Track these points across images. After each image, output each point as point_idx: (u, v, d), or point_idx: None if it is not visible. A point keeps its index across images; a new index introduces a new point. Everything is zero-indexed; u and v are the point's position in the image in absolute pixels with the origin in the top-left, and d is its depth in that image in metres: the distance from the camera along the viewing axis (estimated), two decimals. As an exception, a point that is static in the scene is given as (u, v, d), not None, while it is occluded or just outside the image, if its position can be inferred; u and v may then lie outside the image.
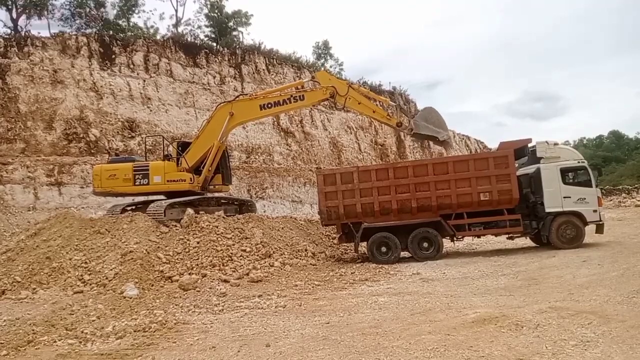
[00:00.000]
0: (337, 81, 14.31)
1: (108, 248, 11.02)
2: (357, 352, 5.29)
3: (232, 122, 14.26)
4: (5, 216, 17.02)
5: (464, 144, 43.38)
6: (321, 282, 10.35)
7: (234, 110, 14.15)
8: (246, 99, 14.92)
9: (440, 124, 13.89)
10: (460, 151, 40.51)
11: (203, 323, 7.15)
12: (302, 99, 14.24)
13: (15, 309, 8.43)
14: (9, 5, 25.00)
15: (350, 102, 13.93)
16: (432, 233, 12.86)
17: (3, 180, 17.62)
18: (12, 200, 17.53)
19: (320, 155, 30.22)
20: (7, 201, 17.41)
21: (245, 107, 14.37)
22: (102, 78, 22.22)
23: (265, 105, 14.14)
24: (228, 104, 14.57)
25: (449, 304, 7.49)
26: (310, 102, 14.65)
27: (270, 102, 14.13)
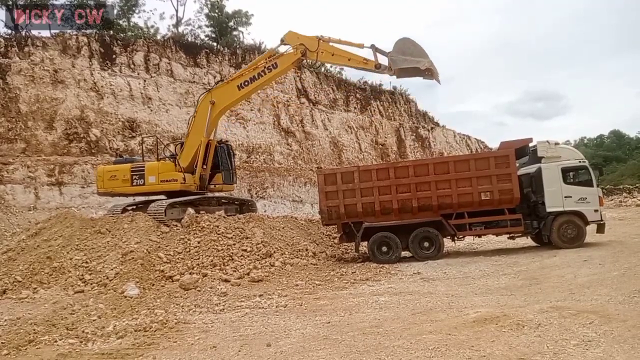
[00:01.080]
0: (306, 38, 13.54)
1: (109, 248, 11.02)
2: (358, 352, 5.28)
3: (215, 111, 14.06)
4: (6, 216, 17.02)
5: (465, 143, 43.36)
6: (322, 281, 10.34)
7: (214, 99, 14.04)
8: (223, 84, 14.71)
9: (419, 53, 12.80)
10: (461, 151, 40.51)
11: (204, 322, 7.15)
12: (276, 66, 13.77)
13: (17, 308, 8.44)
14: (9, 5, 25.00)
15: (323, 55, 13.42)
16: (433, 233, 12.85)
17: (4, 180, 17.62)
18: (13, 200, 17.54)
19: (320, 154, 30.22)
20: (8, 201, 17.41)
21: (224, 92, 14.16)
22: (103, 78, 22.22)
23: (242, 84, 13.86)
24: (208, 93, 14.45)
25: (450, 303, 7.48)
26: (285, 67, 13.99)
27: (246, 80, 13.85)
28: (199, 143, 14.07)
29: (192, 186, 14.21)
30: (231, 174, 15.60)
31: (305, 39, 13.56)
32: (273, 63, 13.77)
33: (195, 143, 14.17)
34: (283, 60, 13.82)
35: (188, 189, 14.15)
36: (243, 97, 14.82)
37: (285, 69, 14.11)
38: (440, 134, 40.75)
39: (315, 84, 33.28)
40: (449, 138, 41.47)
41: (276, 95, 29.87)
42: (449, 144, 40.77)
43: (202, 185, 14.49)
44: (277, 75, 14.22)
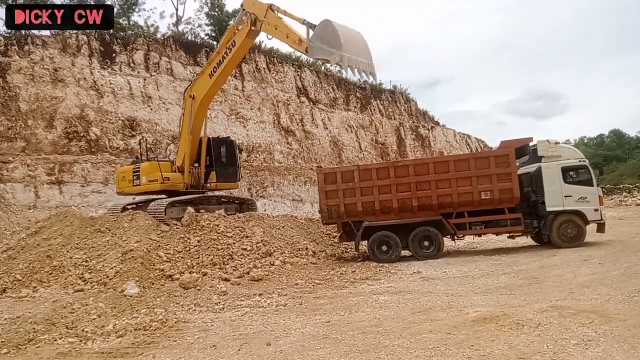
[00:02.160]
0: (259, 5, 12.64)
1: (109, 246, 11.01)
2: (357, 351, 5.28)
3: (195, 104, 13.92)
4: (6, 215, 17.02)
5: (465, 142, 43.40)
6: (322, 280, 10.34)
7: (193, 92, 13.97)
8: (198, 75, 14.59)
9: (335, 42, 10.90)
10: (461, 150, 40.53)
11: (204, 322, 7.15)
12: (234, 44, 13.26)
13: (16, 307, 8.43)
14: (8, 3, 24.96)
15: (268, 27, 12.46)
16: (433, 232, 12.85)
17: (4, 179, 17.62)
18: (13, 198, 17.55)
19: (320, 154, 30.23)
20: (8, 200, 17.42)
21: (200, 84, 13.98)
22: (103, 77, 22.22)
23: (212, 71, 13.60)
24: (188, 88, 14.38)
25: (450, 302, 7.48)
26: (241, 42, 13.02)
27: (214, 66, 13.60)
28: (187, 141, 14.10)
29: (180, 185, 14.15)
30: (233, 170, 15.26)
31: (257, 6, 12.70)
32: (232, 41, 13.35)
33: (184, 141, 14.22)
34: (239, 35, 13.31)
35: (173, 188, 14.10)
36: (217, 85, 14.27)
37: (243, 44, 13.24)
38: (440, 133, 40.78)
39: (315, 82, 33.28)
40: (449, 137, 41.51)
41: (276, 94, 29.87)
42: (449, 143, 40.79)
43: (197, 184, 14.42)
44: (239, 52, 13.48)
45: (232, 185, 15.52)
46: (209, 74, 13.56)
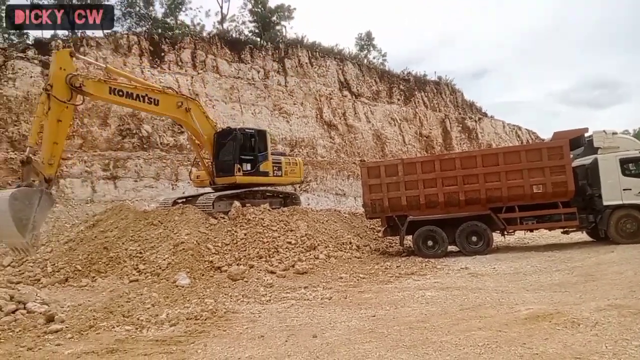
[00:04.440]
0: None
1: (161, 239, 11.45)
2: (404, 346, 5.24)
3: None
4: (66, 208, 18.04)
5: (515, 134, 41.75)
6: (366, 275, 10.32)
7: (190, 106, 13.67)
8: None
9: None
10: (511, 142, 39.08)
11: (251, 312, 7.31)
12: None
13: (77, 295, 8.93)
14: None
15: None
16: (481, 227, 12.51)
17: (63, 174, 18.66)
18: (72, 193, 18.56)
19: (363, 147, 30.06)
20: (67, 194, 18.44)
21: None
22: (153, 75, 23.03)
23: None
24: (184, 101, 13.71)
25: (500, 299, 7.27)
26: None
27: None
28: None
29: (206, 181, 14.71)
30: (228, 164, 14.16)
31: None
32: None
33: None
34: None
35: (204, 185, 14.95)
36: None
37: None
38: (488, 125, 39.47)
39: (357, 76, 33.07)
40: (497, 129, 40.09)
41: (318, 88, 29.94)
42: (497, 135, 39.41)
43: (211, 180, 14.60)
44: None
45: (229, 179, 14.21)
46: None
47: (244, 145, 14.44)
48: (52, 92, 10.53)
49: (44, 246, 11.98)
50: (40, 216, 9.81)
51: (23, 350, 5.69)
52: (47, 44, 21.62)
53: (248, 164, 14.44)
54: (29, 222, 9.40)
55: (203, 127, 13.98)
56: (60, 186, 18.40)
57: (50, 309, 7.29)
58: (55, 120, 10.56)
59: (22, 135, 17.29)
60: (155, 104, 12.78)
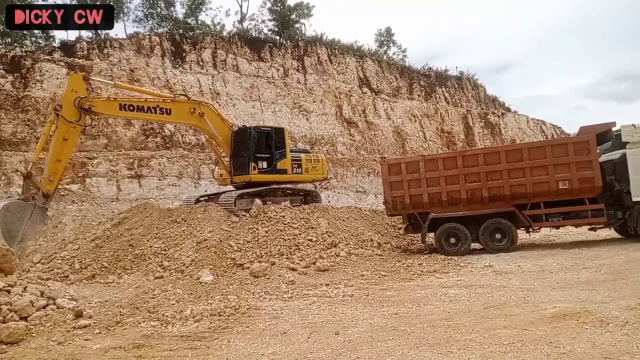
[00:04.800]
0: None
1: (184, 236, 11.62)
2: (428, 344, 5.20)
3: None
4: (92, 207, 18.49)
5: (539, 129, 40.84)
6: (388, 272, 10.26)
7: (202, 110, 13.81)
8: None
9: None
10: (535, 137, 38.27)
11: (274, 309, 7.36)
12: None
13: (104, 292, 9.12)
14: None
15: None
16: (506, 224, 12.29)
17: (89, 173, 19.13)
18: (97, 192, 19.00)
19: (384, 144, 29.90)
20: (93, 193, 18.89)
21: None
22: (175, 75, 23.39)
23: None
24: (197, 105, 13.97)
25: (526, 297, 7.15)
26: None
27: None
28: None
29: (228, 179, 14.88)
30: (243, 162, 14.18)
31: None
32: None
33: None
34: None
35: (225, 183, 15.23)
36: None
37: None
38: (511, 120, 38.74)
39: (377, 72, 32.88)
40: (521, 124, 39.31)
41: (338, 85, 29.89)
42: (521, 130, 38.65)
43: (231, 179, 14.79)
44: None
45: (244, 177, 14.32)
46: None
47: (260, 144, 14.43)
48: (60, 112, 11.05)
49: (71, 244, 12.30)
50: (30, 230, 10.18)
51: (54, 344, 5.86)
52: (72, 46, 22.18)
53: (264, 162, 14.43)
54: (18, 234, 9.82)
55: (218, 129, 14.15)
56: (87, 185, 18.87)
57: (78, 304, 7.47)
58: (61, 138, 11.05)
59: (59, 105, 17.73)
60: (168, 114, 13.04)
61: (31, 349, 5.71)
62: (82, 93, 11.52)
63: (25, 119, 18.84)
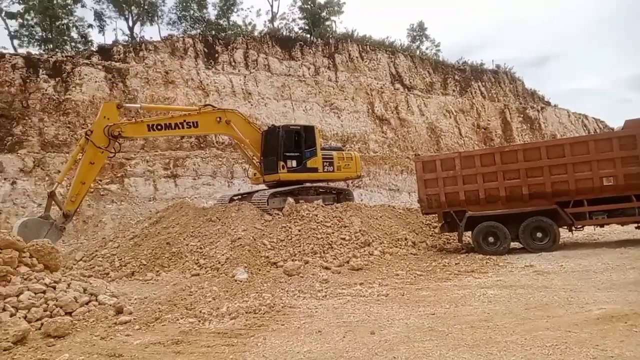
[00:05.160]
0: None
1: (219, 235, 11.79)
2: (466, 345, 5.05)
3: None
4: (131, 206, 19.06)
5: (581, 123, 39.28)
6: (423, 272, 10.07)
7: (228, 118, 13.93)
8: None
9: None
10: (577, 132, 36.86)
11: (308, 308, 7.35)
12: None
13: (143, 289, 9.36)
14: (125, 15, 27.84)
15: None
16: (547, 222, 11.84)
17: (127, 174, 19.73)
18: (135, 191, 19.58)
19: (417, 141, 29.48)
20: (131, 192, 19.47)
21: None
22: (208, 77, 23.80)
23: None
24: (222, 113, 14.09)
25: (569, 298, 6.86)
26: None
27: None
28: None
29: (260, 178, 14.97)
30: (272, 161, 14.28)
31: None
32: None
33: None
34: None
35: (258, 182, 15.32)
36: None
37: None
38: (552, 114, 37.40)
39: (410, 68, 32.44)
40: (562, 118, 37.90)
41: (369, 82, 29.66)
42: (562, 125, 37.27)
43: (263, 178, 14.89)
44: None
45: (273, 176, 14.36)
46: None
47: (289, 142, 14.47)
48: (91, 137, 11.53)
49: (111, 242, 12.70)
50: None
51: (97, 339, 6.05)
52: (109, 49, 22.93)
53: (293, 161, 14.47)
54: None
55: (246, 133, 14.34)
56: (125, 185, 19.47)
57: (119, 301, 7.69)
58: (89, 162, 11.55)
59: (90, 130, 18.36)
60: (195, 126, 13.35)
61: (76, 343, 5.90)
62: (114, 120, 11.99)
63: (66, 121, 19.61)
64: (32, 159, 18.17)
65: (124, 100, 20.99)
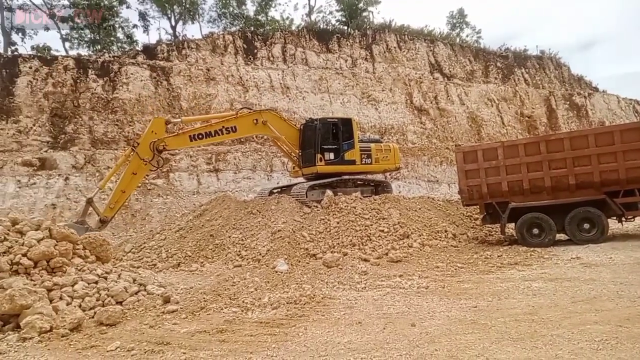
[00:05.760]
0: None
1: (260, 227, 12.04)
2: (510, 339, 4.97)
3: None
4: (176, 199, 19.72)
5: (633, 109, 37.14)
6: (464, 264, 9.91)
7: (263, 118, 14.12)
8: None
9: None
10: (628, 118, 34.88)
11: (347, 299, 7.41)
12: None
13: (189, 279, 9.70)
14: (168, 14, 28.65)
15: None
16: (595, 213, 11.35)
17: (172, 169, 20.41)
18: (180, 185, 20.24)
19: (457, 132, 28.82)
20: (176, 187, 20.15)
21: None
22: (247, 72, 24.17)
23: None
24: (259, 114, 14.33)
25: (619, 292, 6.60)
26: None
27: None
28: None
29: (299, 172, 15.12)
30: (310, 154, 14.49)
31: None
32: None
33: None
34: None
35: (297, 175, 15.48)
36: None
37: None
38: (600, 101, 35.56)
39: (449, 56, 31.67)
40: (611, 105, 35.94)
41: (408, 72, 29.21)
42: (611, 111, 35.36)
43: (302, 171, 15.03)
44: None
45: (311, 169, 14.53)
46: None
47: (326, 135, 14.58)
48: (137, 149, 12.12)
49: (158, 234, 13.22)
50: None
51: (146, 327, 6.35)
52: (153, 49, 23.69)
53: (331, 153, 14.56)
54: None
55: (283, 130, 14.54)
56: (170, 179, 20.16)
57: (166, 291, 8.03)
58: (131, 172, 12.12)
59: (136, 134, 19.12)
60: (234, 131, 13.68)
61: (127, 331, 6.23)
62: (161, 135, 12.51)
63: (115, 119, 20.47)
64: (83, 156, 19.12)
65: (168, 97, 21.71)
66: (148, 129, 12.56)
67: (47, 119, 19.50)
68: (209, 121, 14.26)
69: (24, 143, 18.80)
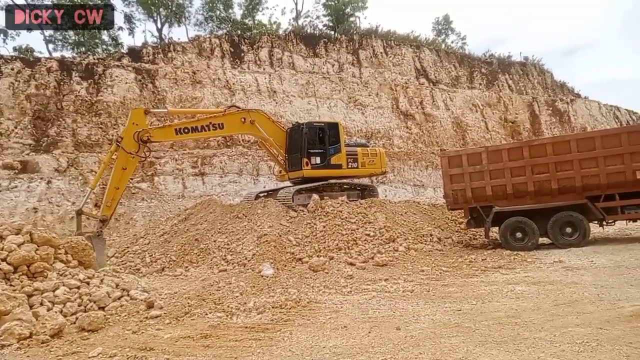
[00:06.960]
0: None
1: (246, 231, 11.99)
2: (494, 342, 5.02)
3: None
4: (160, 203, 19.51)
5: (613, 116, 37.94)
6: (449, 268, 10.00)
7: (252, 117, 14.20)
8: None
9: None
10: (608, 124, 35.62)
11: (333, 303, 7.41)
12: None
13: (173, 284, 9.62)
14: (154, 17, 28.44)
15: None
16: (577, 217, 11.56)
17: (157, 172, 20.20)
18: (165, 189, 20.03)
19: (442, 136, 29.08)
20: (161, 190, 19.94)
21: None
22: (234, 76, 24.09)
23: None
24: (247, 113, 14.27)
25: (600, 295, 6.71)
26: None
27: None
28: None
29: (285, 175, 15.16)
30: (297, 158, 14.52)
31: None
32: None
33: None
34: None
35: (283, 179, 15.54)
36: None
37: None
38: (582, 107, 36.26)
39: (435, 62, 31.99)
40: (593, 110, 36.69)
41: (394, 78, 29.42)
42: (593, 117, 36.09)
43: (289, 175, 15.07)
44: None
45: (297, 173, 14.58)
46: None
47: (313, 139, 14.62)
48: (121, 144, 11.93)
49: (142, 239, 13.07)
50: (101, 257, 10.64)
51: (129, 333, 6.26)
52: (139, 51, 23.46)
53: (317, 157, 14.59)
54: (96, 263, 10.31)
55: (270, 132, 14.53)
56: (155, 183, 19.93)
57: (150, 296, 7.93)
58: (121, 168, 11.90)
59: (120, 137, 18.87)
60: (221, 128, 13.62)
61: (109, 337, 6.13)
62: (143, 126, 12.32)
63: (99, 122, 20.19)
64: (66, 159, 18.81)
65: (154, 100, 21.49)
66: (129, 122, 12.37)
67: (30, 121, 19.15)
68: (195, 115, 14.15)
69: (5, 146, 18.43)
